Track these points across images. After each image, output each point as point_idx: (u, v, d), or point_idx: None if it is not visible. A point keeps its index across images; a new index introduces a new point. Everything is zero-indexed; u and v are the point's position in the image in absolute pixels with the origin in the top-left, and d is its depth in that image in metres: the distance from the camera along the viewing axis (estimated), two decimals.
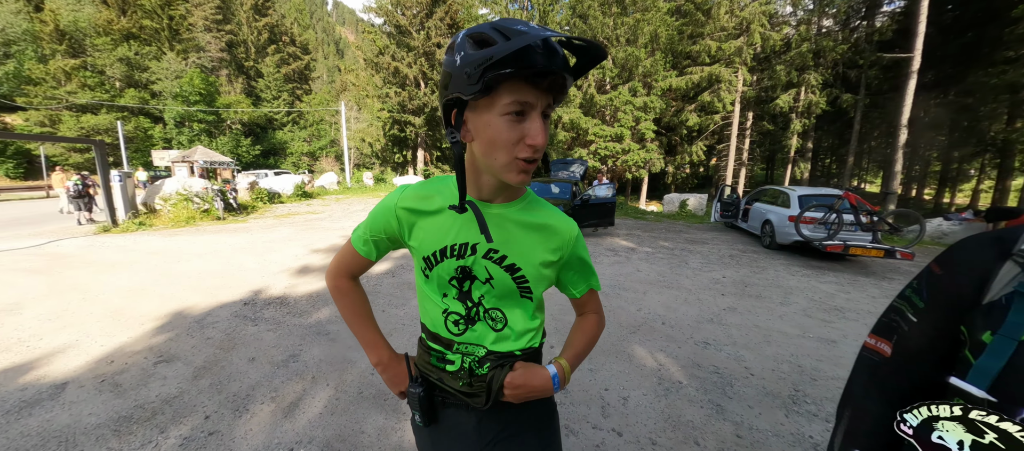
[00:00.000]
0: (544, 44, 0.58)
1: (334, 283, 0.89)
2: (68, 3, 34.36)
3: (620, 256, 6.59)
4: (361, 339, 0.90)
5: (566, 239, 0.79)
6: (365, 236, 0.83)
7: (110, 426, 2.09)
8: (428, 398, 0.83)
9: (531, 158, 0.64)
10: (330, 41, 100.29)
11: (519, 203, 0.77)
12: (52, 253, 6.38)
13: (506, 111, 0.61)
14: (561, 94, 0.64)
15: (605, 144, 21.06)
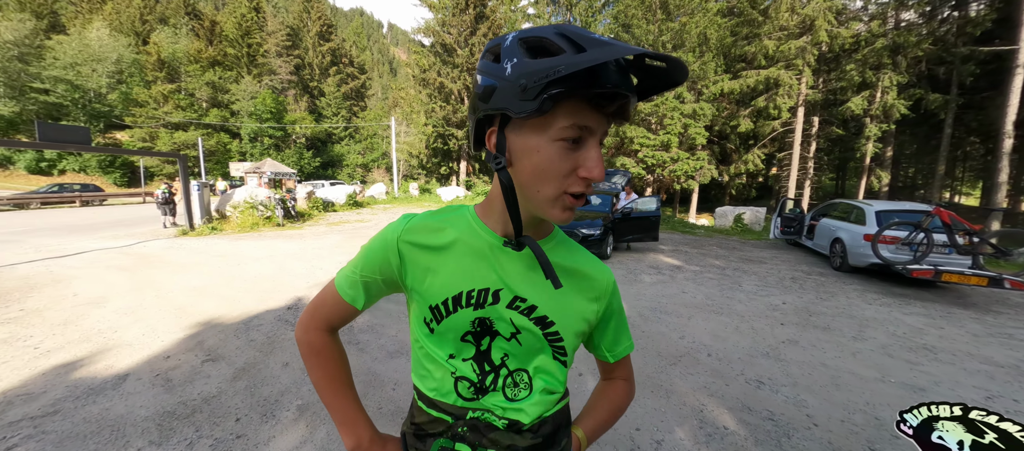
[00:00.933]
0: (613, 58, 0.44)
1: (306, 337, 0.69)
2: (168, 36, 40.09)
3: (664, 275, 6.18)
4: (334, 413, 0.69)
5: (604, 288, 0.67)
6: (353, 277, 0.66)
7: (155, 421, 2.25)
8: None
9: (581, 193, 0.53)
10: (384, 61, 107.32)
11: (549, 241, 0.65)
12: (138, 253, 7.28)
13: (562, 135, 0.50)
14: (623, 120, 0.53)
15: (651, 152, 20.26)
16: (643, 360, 3.14)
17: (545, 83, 0.46)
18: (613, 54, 0.43)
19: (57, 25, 43.20)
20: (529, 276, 0.62)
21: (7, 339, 3.36)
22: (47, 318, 3.88)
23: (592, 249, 6.78)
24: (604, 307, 0.67)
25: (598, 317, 0.67)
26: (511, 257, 0.62)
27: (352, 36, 72.57)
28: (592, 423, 0.72)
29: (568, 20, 23.11)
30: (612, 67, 0.48)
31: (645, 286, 5.44)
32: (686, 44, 19.17)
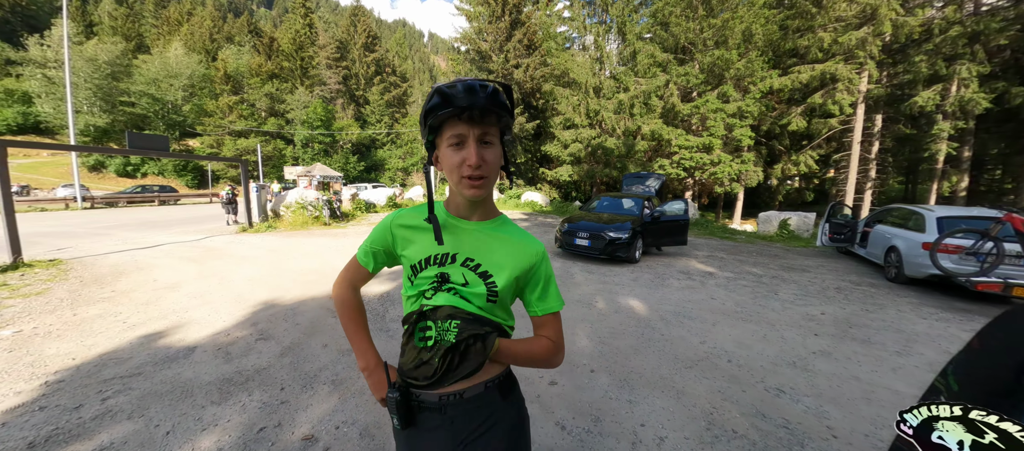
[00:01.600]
0: (464, 88, 0.76)
1: (338, 292, 1.00)
2: (233, 53, 44.20)
3: (693, 280, 6.03)
4: (354, 345, 0.98)
5: (531, 254, 0.91)
6: (367, 249, 0.96)
7: (216, 385, 2.63)
8: (405, 402, 0.88)
9: (473, 175, 0.79)
10: (425, 69, 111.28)
11: (493, 222, 0.93)
12: (206, 246, 8.18)
13: (449, 143, 0.80)
14: (490, 122, 0.80)
15: (690, 155, 19.50)
16: (657, 361, 3.15)
17: (426, 115, 0.79)
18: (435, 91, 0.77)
19: (142, 46, 48.96)
20: (477, 245, 0.89)
21: (102, 314, 3.98)
22: (133, 298, 4.53)
23: (619, 252, 6.72)
24: (530, 267, 0.91)
25: (526, 276, 0.91)
26: (467, 231, 0.90)
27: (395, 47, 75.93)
28: (510, 345, 0.89)
29: (604, 21, 22.86)
30: (460, 92, 0.75)
31: (671, 291, 5.34)
32: (729, 41, 18.32)
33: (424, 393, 0.88)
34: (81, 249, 7.67)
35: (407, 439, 0.92)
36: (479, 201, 0.88)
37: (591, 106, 21.73)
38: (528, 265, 0.90)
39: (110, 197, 23.60)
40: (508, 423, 0.91)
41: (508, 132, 0.86)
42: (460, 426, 0.88)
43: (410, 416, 0.90)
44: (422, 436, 0.90)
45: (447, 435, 0.88)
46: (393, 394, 0.88)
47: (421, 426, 0.90)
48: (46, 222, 12.78)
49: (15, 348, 3.15)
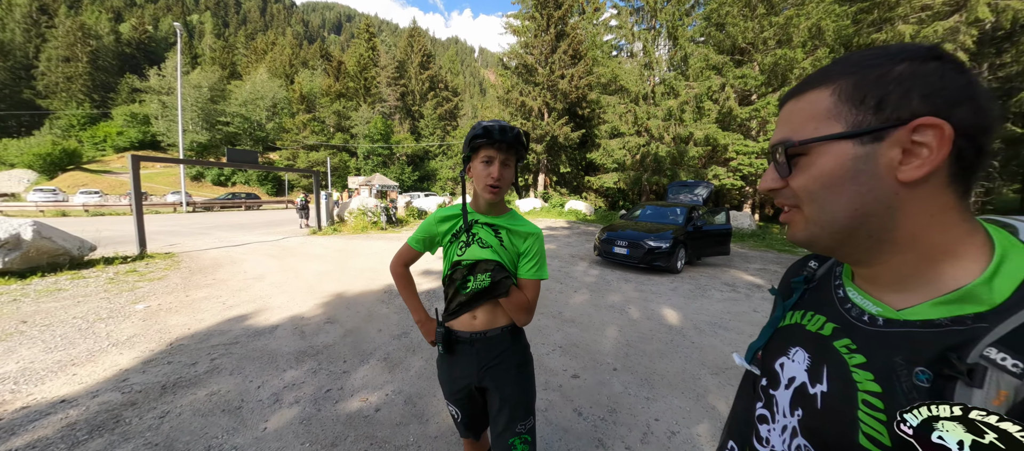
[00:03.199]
0: (499, 128, 1.13)
1: (396, 269, 1.41)
2: (307, 76, 49.39)
3: (738, 293, 5.82)
4: (409, 304, 1.40)
5: (533, 236, 1.26)
6: (417, 237, 1.34)
7: (294, 355, 3.18)
8: (448, 336, 1.26)
9: (493, 184, 1.15)
10: (476, 83, 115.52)
11: (506, 217, 1.27)
12: (283, 246, 9.37)
13: (482, 160, 1.16)
14: (514, 151, 1.17)
15: (749, 161, 18.36)
16: (682, 365, 3.20)
17: (470, 141, 1.15)
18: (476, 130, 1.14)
19: (235, 73, 56.17)
20: (493, 233, 1.24)
21: (207, 297, 4.85)
22: (229, 285, 5.43)
23: (659, 262, 6.64)
24: (528, 246, 1.24)
25: (525, 246, 1.24)
26: (487, 219, 1.25)
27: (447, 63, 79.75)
28: None
29: (653, 26, 22.42)
30: (494, 131, 1.12)
31: (711, 302, 5.23)
32: (793, 39, 17.12)
33: (460, 332, 1.25)
34: (187, 245, 9.17)
35: (447, 363, 1.30)
36: (495, 203, 1.23)
37: (639, 113, 21.31)
38: (527, 246, 1.25)
39: (207, 202, 27.42)
40: (517, 358, 1.28)
41: (521, 161, 1.22)
42: (483, 355, 1.25)
43: (451, 346, 1.26)
44: (458, 360, 1.27)
45: (474, 361, 1.25)
46: (441, 329, 1.26)
47: (458, 354, 1.27)
48: (159, 223, 15.28)
49: (147, 319, 4.01)
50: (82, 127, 51.30)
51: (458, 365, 1.28)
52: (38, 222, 5.93)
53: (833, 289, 0.57)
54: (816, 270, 0.63)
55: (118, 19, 78.48)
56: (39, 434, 2.14)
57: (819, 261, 0.65)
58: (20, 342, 3.35)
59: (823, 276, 0.61)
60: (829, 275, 0.60)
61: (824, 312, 0.55)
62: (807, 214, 0.49)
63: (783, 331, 0.60)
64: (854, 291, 0.53)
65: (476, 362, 1.25)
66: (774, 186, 0.51)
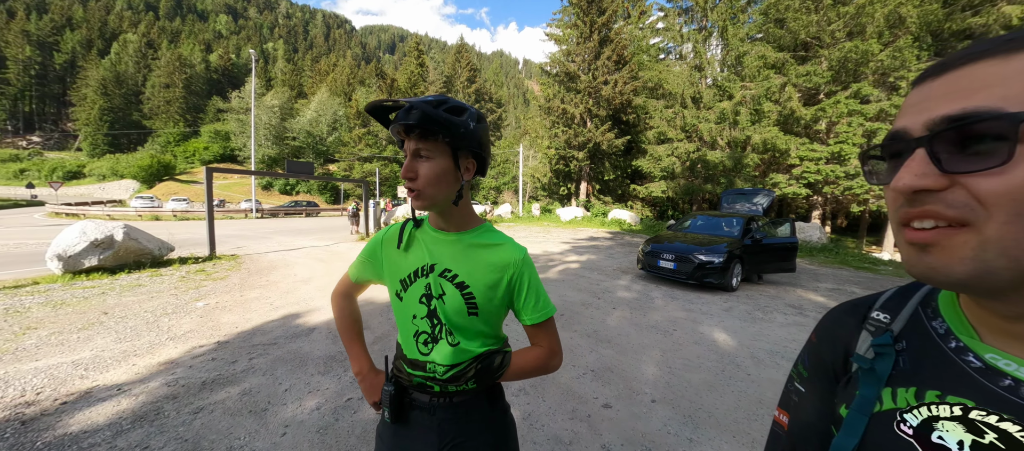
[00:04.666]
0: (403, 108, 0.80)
1: (335, 300, 1.07)
2: (363, 94, 52.98)
3: (805, 316, 5.13)
4: (348, 350, 1.04)
5: (511, 260, 0.87)
6: (359, 261, 1.01)
7: (324, 360, 3.22)
8: (399, 397, 0.90)
9: (408, 187, 0.82)
10: (519, 94, 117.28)
11: (474, 231, 0.90)
12: (332, 251, 9.90)
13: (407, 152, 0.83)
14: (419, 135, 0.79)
15: (816, 167, 16.61)
16: (735, 402, 2.79)
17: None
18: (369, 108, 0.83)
19: (302, 93, 61.62)
20: (455, 254, 0.87)
21: (258, 297, 5.16)
22: (279, 287, 5.77)
23: (711, 278, 6.07)
24: (512, 276, 0.87)
25: (510, 284, 0.87)
26: (446, 242, 0.89)
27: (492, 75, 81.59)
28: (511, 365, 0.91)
29: (704, 26, 21.28)
30: (400, 108, 0.81)
31: (773, 326, 4.64)
32: (867, 30, 15.33)
33: (417, 393, 0.91)
34: (251, 248, 10.00)
35: (393, 435, 0.92)
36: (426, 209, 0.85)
37: (688, 118, 20.20)
38: (508, 272, 0.87)
39: (273, 209, 30.11)
40: (495, 433, 0.92)
41: (460, 148, 0.82)
42: (447, 429, 0.88)
43: (401, 412, 0.91)
44: (410, 434, 0.90)
45: (434, 437, 0.88)
46: (389, 388, 0.90)
47: (410, 424, 0.91)
48: (232, 227, 16.92)
49: (204, 316, 4.32)
50: (176, 143, 59.23)
51: (409, 439, 0.91)
52: (128, 225, 6.73)
53: (948, 351, 0.41)
54: (888, 324, 0.47)
55: (208, 50, 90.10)
56: (92, 420, 2.30)
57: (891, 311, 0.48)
58: (98, 331, 3.74)
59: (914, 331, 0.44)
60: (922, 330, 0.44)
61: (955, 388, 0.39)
62: (999, 235, 0.31)
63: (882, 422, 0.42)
64: (997, 355, 0.38)
65: (437, 439, 0.88)
66: (927, 185, 0.33)
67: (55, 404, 2.48)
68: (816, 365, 0.53)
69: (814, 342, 0.55)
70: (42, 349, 3.33)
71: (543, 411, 2.56)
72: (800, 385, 0.55)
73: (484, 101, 55.23)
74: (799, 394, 0.55)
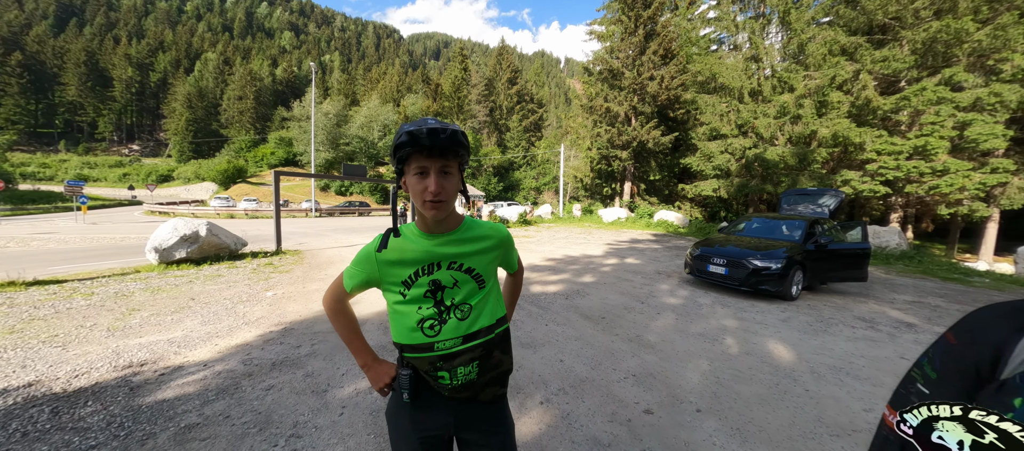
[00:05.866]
0: (428, 130, 0.90)
1: (330, 305, 1.14)
2: (411, 100, 55.44)
3: (877, 331, 4.62)
4: (351, 347, 1.15)
5: (500, 240, 1.11)
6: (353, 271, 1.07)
7: (376, 348, 3.33)
8: (417, 378, 1.03)
9: (433, 200, 0.93)
10: (561, 93, 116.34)
11: (461, 230, 1.05)
12: None
13: (414, 173, 0.94)
14: (452, 156, 0.94)
15: (895, 163, 14.86)
16: (790, 418, 2.58)
17: (395, 150, 0.93)
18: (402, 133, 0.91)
19: (355, 100, 65.54)
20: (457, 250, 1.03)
21: (318, 289, 5.61)
22: None
23: (767, 286, 5.66)
24: (504, 251, 1.14)
25: (499, 255, 1.13)
26: (443, 241, 1.03)
27: (533, 76, 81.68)
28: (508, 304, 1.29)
29: (762, 13, 19.81)
30: (422, 134, 0.89)
31: (838, 340, 4.23)
32: (960, 6, 13.45)
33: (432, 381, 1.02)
34: (311, 244, 10.85)
35: (410, 414, 1.04)
36: (442, 218, 0.99)
37: (743, 112, 18.91)
38: (499, 251, 1.12)
39: (330, 209, 32.39)
40: (503, 431, 1.08)
41: (464, 164, 1.01)
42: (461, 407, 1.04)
43: (419, 393, 1.04)
44: (426, 413, 1.04)
45: (449, 413, 1.03)
46: (406, 372, 1.02)
47: (426, 404, 1.04)
48: (294, 226, 18.44)
49: (273, 304, 4.79)
50: (248, 149, 65.56)
51: (426, 418, 1.04)
52: (211, 222, 7.60)
53: None
54: None
55: (274, 64, 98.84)
56: (185, 390, 2.66)
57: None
58: (187, 315, 4.28)
59: None
60: None
61: None
62: None
63: None
64: None
65: (453, 417, 1.03)
66: None
67: (155, 375, 2.89)
68: (952, 368, 0.51)
69: (953, 343, 0.54)
70: (144, 328, 3.88)
71: (582, 412, 2.56)
72: (924, 386, 0.54)
73: (525, 101, 55.42)
74: (921, 395, 0.53)
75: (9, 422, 2.26)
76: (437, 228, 1.03)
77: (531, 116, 52.76)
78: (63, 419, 2.31)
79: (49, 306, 4.52)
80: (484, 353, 1.02)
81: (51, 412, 2.37)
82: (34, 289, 5.25)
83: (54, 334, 3.67)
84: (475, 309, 1.04)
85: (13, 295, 4.94)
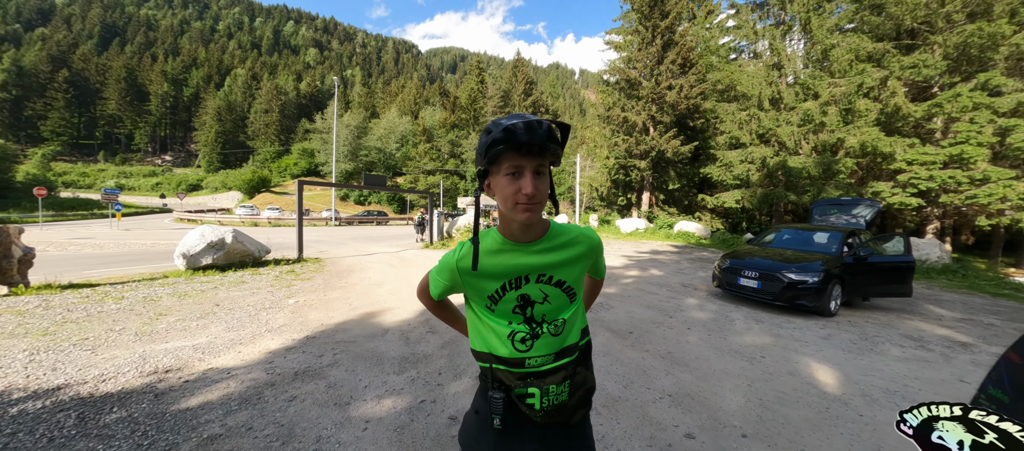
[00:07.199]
0: (525, 125, 0.81)
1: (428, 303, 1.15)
2: (429, 112, 56.54)
3: (930, 351, 4.29)
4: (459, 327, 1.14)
5: (591, 247, 1.02)
6: (437, 277, 1.04)
7: (398, 360, 3.37)
8: (510, 401, 0.93)
9: (527, 203, 0.84)
10: (575, 104, 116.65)
11: (548, 237, 0.96)
12: (401, 256, 10.49)
13: (506, 173, 0.85)
14: (547, 155, 0.85)
15: (929, 172, 14.16)
16: (845, 445, 2.35)
17: (487, 147, 0.83)
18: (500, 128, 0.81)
19: (375, 113, 67.12)
20: (546, 260, 0.94)
21: (338, 298, 5.60)
22: (356, 289, 6.21)
23: (804, 301, 5.35)
24: (595, 257, 1.05)
25: (591, 263, 1.05)
26: (530, 251, 0.94)
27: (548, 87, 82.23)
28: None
29: (782, 21, 19.42)
30: (519, 130, 0.79)
31: (887, 360, 3.93)
32: (995, 8, 12.85)
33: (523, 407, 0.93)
34: (331, 252, 10.97)
35: (496, 438, 0.94)
36: (531, 223, 0.91)
37: (764, 120, 18.44)
38: (590, 259, 1.03)
39: (349, 217, 32.97)
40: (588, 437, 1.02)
41: (556, 164, 0.90)
42: (551, 436, 0.95)
43: (511, 418, 0.94)
44: (512, 442, 0.94)
45: (538, 445, 0.94)
46: (499, 395, 0.92)
47: (513, 432, 0.94)
48: (315, 234, 18.79)
49: (295, 312, 4.78)
50: (272, 160, 67.78)
51: (511, 439, 0.95)
52: (236, 230, 7.75)
53: None
54: None
55: (298, 79, 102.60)
56: (208, 399, 2.62)
57: None
58: (212, 321, 4.30)
59: None
60: None
61: None
62: None
63: None
64: None
65: (544, 440, 0.94)
66: None
67: (180, 381, 2.86)
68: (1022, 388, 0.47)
69: (1018, 363, 0.50)
70: (170, 333, 3.90)
71: (618, 434, 2.40)
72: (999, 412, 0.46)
73: (541, 112, 55.82)
74: None
75: (37, 426, 2.25)
76: (524, 236, 0.94)
77: None
78: (89, 425, 2.29)
79: (82, 309, 4.63)
80: (573, 371, 0.95)
81: (77, 418, 2.36)
82: (69, 292, 5.41)
83: (85, 337, 3.72)
84: (568, 324, 0.97)
85: (49, 297, 5.09)
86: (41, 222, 22.95)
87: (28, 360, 3.18)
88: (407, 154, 51.24)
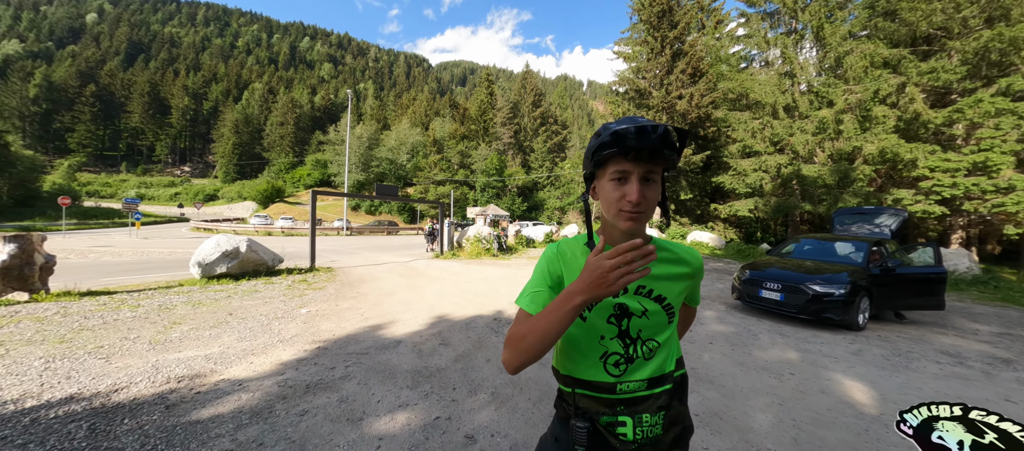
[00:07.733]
0: (636, 130, 0.75)
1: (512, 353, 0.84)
2: (439, 124, 57.25)
3: (969, 368, 4.04)
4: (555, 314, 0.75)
5: (695, 267, 0.96)
6: (531, 290, 0.88)
7: (411, 373, 3.27)
8: (595, 431, 0.85)
9: (631, 210, 0.78)
10: (584, 114, 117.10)
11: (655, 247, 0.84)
12: (411, 267, 10.45)
13: (611, 178, 0.81)
14: (659, 161, 0.79)
15: (952, 180, 13.69)
16: None
17: (594, 152, 0.80)
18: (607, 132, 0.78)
19: (386, 125, 68.16)
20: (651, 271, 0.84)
21: (350, 308, 5.56)
22: (367, 299, 6.17)
23: (831, 314, 5.13)
24: (696, 281, 0.98)
25: (690, 285, 0.96)
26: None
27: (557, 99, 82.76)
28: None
29: (794, 29, 19.23)
30: (630, 134, 0.75)
31: (925, 378, 3.71)
32: (1012, 14, 12.52)
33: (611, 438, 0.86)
34: (343, 262, 11.00)
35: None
36: (634, 232, 0.83)
37: (777, 129, 18.16)
38: (693, 279, 0.96)
39: (360, 227, 33.26)
40: None
41: (671, 169, 0.83)
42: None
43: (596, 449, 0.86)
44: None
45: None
46: (583, 425, 0.84)
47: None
48: (326, 243, 18.94)
49: (307, 321, 4.74)
50: (286, 171, 69.18)
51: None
52: (251, 239, 7.82)
53: None
54: None
55: (313, 92, 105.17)
56: (219, 411, 2.56)
57: None
58: (225, 330, 4.28)
59: None
60: None
61: None
62: None
63: None
64: None
65: None
66: None
67: (191, 393, 2.82)
68: None
69: None
70: (183, 342, 3.89)
71: None
72: None
73: (549, 123, 55.94)
74: None
75: (48, 437, 2.21)
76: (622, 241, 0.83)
77: (555, 137, 53.03)
78: (99, 438, 2.24)
79: (98, 316, 4.66)
80: (668, 403, 0.88)
81: (89, 429, 2.32)
82: (87, 299, 5.47)
83: (100, 345, 3.73)
84: (663, 347, 0.90)
85: (68, 304, 5.15)
86: (64, 230, 23.65)
87: (44, 368, 3.18)
88: (417, 165, 51.82)
